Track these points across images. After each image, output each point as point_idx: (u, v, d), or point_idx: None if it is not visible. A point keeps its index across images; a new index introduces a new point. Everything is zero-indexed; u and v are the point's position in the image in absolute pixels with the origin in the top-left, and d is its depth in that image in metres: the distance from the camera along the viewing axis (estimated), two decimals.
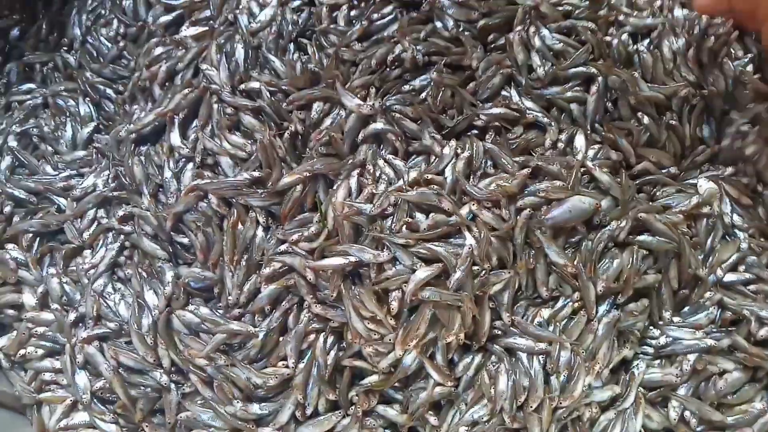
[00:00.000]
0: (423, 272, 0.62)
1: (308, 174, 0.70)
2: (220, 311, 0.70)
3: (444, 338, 0.62)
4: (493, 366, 0.64)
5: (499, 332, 0.65)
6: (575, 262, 0.65)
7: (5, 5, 0.95)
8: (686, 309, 0.69)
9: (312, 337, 0.66)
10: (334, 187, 0.69)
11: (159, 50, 0.88)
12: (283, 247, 0.68)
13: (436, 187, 0.67)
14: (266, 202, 0.71)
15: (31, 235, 0.80)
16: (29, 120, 0.90)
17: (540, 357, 0.64)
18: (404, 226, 0.65)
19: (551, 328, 0.64)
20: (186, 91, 0.81)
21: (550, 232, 0.65)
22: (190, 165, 0.78)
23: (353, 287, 0.64)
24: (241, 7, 0.85)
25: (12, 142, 0.87)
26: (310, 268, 0.65)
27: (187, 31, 0.89)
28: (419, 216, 0.66)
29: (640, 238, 0.67)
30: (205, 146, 0.77)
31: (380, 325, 0.63)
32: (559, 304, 0.66)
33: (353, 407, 0.64)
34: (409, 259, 0.63)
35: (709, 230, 0.70)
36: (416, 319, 0.62)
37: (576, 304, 0.65)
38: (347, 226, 0.66)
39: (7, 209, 0.82)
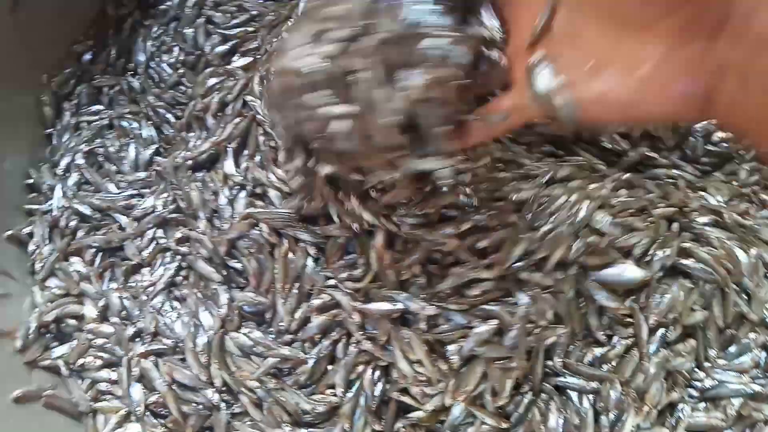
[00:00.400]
0: (483, 329, 0.65)
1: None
2: (272, 336, 0.73)
3: (494, 402, 0.64)
4: (544, 404, 0.66)
5: (550, 372, 0.67)
6: (625, 303, 0.68)
7: (80, 31, 1.01)
8: (731, 349, 0.70)
9: (361, 368, 0.68)
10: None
11: (212, 81, 0.92)
12: (331, 282, 0.72)
13: None
14: (315, 239, 0.75)
15: (94, 250, 0.84)
16: (96, 140, 0.95)
17: (590, 395, 0.66)
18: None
19: (604, 367, 0.67)
20: (237, 120, 0.86)
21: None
22: (243, 193, 0.82)
23: (402, 330, 0.67)
24: (279, 37, 0.90)
25: (80, 160, 0.92)
26: (357, 310, 0.68)
27: (237, 61, 0.94)
28: None
29: (685, 261, 0.70)
30: (254, 176, 0.82)
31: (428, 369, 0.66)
32: (614, 341, 0.68)
33: None
34: (464, 320, 0.67)
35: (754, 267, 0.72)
36: (468, 375, 0.65)
37: (628, 341, 0.67)
38: (391, 273, 0.69)
39: (72, 223, 0.86)
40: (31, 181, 0.91)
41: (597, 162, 0.80)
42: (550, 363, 0.67)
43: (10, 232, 0.85)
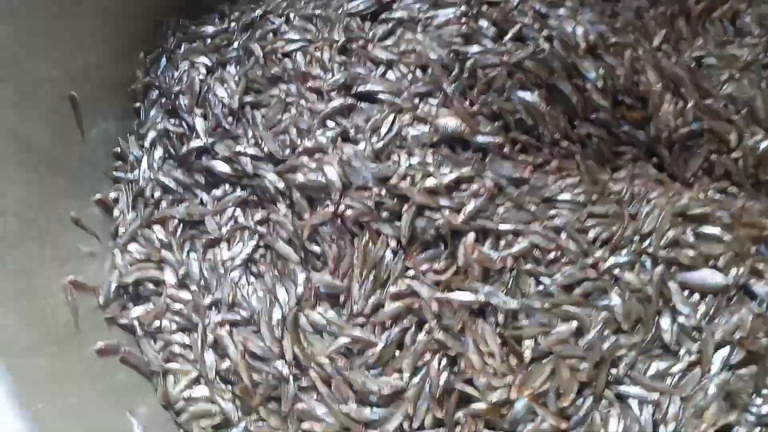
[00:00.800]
0: (564, 328, 0.69)
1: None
2: (344, 318, 0.77)
3: (558, 402, 0.67)
4: (605, 409, 0.69)
5: (612, 379, 0.70)
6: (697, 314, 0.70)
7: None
8: None
9: (428, 356, 0.72)
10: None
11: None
12: (411, 273, 0.75)
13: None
14: (396, 233, 0.78)
15: (176, 221, 0.89)
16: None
17: (650, 406, 0.68)
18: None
19: (667, 381, 0.69)
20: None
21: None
22: None
23: (477, 321, 0.71)
24: None
25: (164, 137, 0.95)
26: (437, 299, 0.72)
27: None
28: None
29: (756, 285, 0.72)
30: None
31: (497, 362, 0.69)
32: (681, 353, 0.71)
33: (458, 427, 0.70)
34: (545, 318, 0.70)
35: None
36: (536, 372, 0.68)
37: (693, 357, 0.70)
38: (477, 268, 0.72)
39: (156, 194, 0.91)
40: (119, 149, 0.96)
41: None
42: (614, 371, 0.70)
43: (98, 196, 0.90)
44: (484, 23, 0.89)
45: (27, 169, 0.80)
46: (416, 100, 0.86)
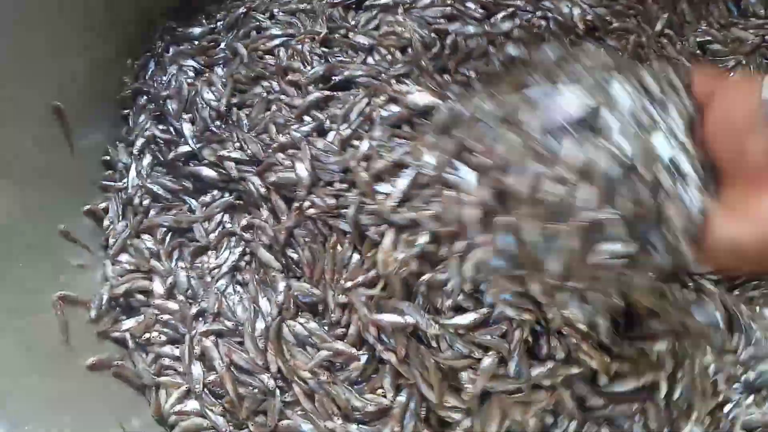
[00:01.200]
0: (488, 362, 0.64)
1: None
2: (325, 328, 0.74)
3: None
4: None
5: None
6: None
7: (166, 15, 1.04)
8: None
9: None
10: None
11: None
12: (348, 285, 0.72)
13: None
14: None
15: (164, 229, 0.88)
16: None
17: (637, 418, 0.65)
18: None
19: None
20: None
21: None
22: None
23: (421, 348, 0.67)
24: None
25: (153, 143, 0.94)
26: (372, 323, 0.68)
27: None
28: None
29: None
30: None
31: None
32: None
33: None
34: (464, 349, 0.65)
35: None
36: (487, 416, 0.65)
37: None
38: (397, 280, 0.68)
39: (145, 202, 0.90)
40: (108, 158, 0.95)
41: None
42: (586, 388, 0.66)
43: (88, 207, 0.89)
44: (471, 5, 0.85)
45: (15, 182, 0.79)
46: (393, 81, 0.82)
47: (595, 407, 0.66)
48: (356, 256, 0.75)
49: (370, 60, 0.87)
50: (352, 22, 0.92)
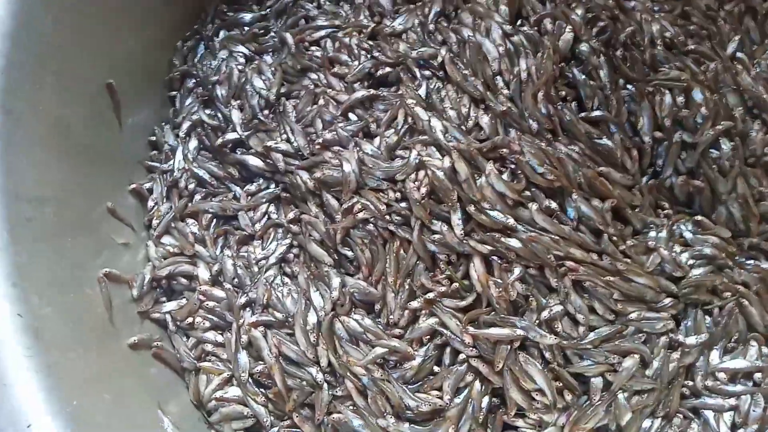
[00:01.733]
0: (630, 363, 0.67)
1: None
2: (381, 327, 0.75)
3: None
4: (678, 428, 0.69)
5: (688, 393, 0.70)
6: None
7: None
8: None
9: (469, 377, 0.70)
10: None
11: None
12: (430, 296, 0.73)
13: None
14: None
15: (209, 215, 0.88)
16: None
17: (728, 414, 0.68)
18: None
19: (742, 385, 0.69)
20: None
21: None
22: None
23: (519, 356, 0.69)
24: None
25: (199, 127, 0.94)
26: (471, 335, 0.70)
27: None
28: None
29: None
30: None
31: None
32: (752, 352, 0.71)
33: None
34: (600, 357, 0.69)
35: None
36: (589, 410, 0.68)
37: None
38: (503, 301, 0.71)
39: (191, 186, 0.90)
40: (153, 138, 0.94)
41: None
42: (690, 384, 0.70)
43: (133, 186, 0.89)
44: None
45: (67, 157, 0.79)
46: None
47: None
48: (421, 265, 0.76)
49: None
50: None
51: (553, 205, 0.74)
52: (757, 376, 0.70)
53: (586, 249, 0.72)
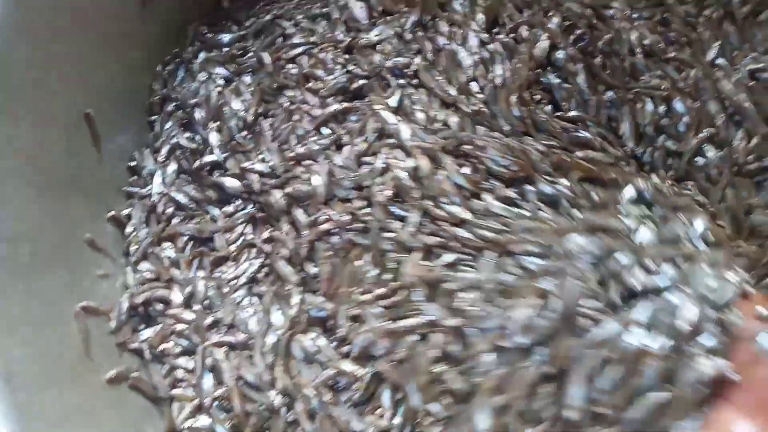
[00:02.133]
0: None
1: None
2: (334, 344, 0.72)
3: None
4: None
5: None
6: None
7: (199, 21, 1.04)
8: None
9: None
10: None
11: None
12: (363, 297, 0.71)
13: None
14: None
15: (186, 237, 0.87)
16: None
17: None
18: None
19: None
20: None
21: None
22: None
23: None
24: None
25: (179, 151, 0.93)
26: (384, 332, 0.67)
27: None
28: None
29: None
30: None
31: None
32: None
33: None
34: None
35: None
36: None
37: None
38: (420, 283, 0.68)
39: (169, 210, 0.89)
40: (133, 163, 0.95)
41: None
42: None
43: (111, 213, 0.89)
44: None
45: (44, 191, 0.79)
46: None
47: None
48: (373, 271, 0.73)
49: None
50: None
51: (513, 194, 0.71)
52: None
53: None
